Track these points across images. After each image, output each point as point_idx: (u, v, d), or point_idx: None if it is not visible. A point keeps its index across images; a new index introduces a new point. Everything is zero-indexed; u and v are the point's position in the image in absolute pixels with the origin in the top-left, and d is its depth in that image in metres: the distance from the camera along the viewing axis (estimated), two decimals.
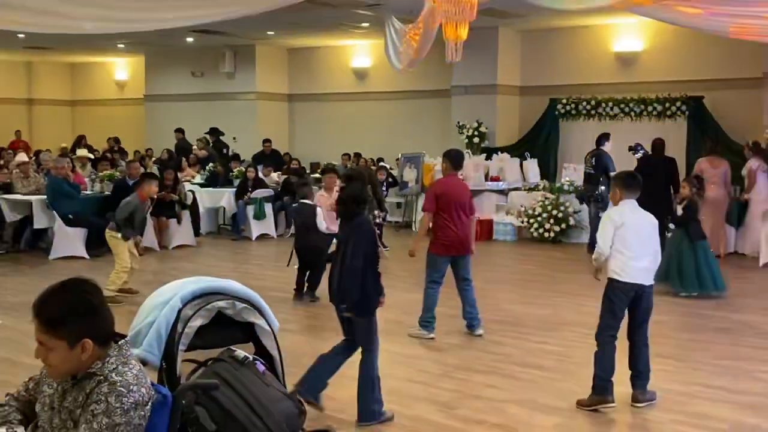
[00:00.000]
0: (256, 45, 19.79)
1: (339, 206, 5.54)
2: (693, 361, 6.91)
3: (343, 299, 5.32)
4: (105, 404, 2.45)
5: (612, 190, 6.08)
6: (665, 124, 15.41)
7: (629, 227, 5.66)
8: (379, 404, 5.37)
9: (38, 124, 23.74)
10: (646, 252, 5.72)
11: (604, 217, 5.92)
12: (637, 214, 5.81)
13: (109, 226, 9.32)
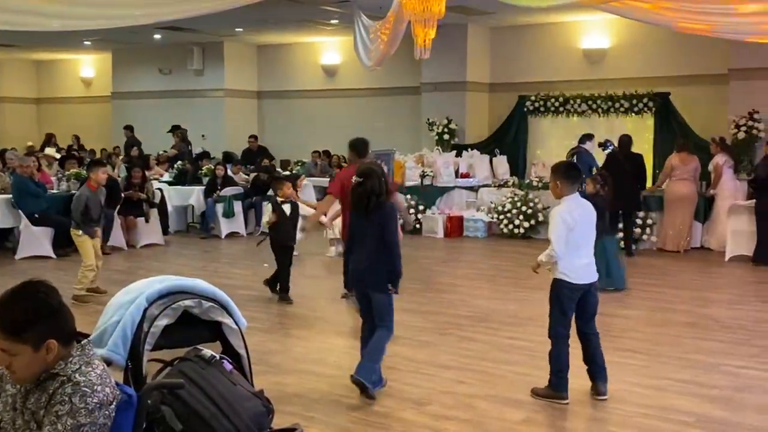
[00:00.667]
0: (225, 42, 19.81)
1: (360, 201, 5.86)
2: (660, 355, 6.95)
3: (375, 279, 5.79)
4: (69, 405, 2.46)
5: (552, 182, 5.93)
6: (632, 120, 15.60)
7: (579, 227, 5.65)
8: (377, 376, 5.78)
9: (3, 122, 23.56)
10: (588, 248, 5.80)
11: (557, 217, 5.70)
12: (583, 210, 5.80)
13: (72, 225, 9.36)
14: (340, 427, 5.35)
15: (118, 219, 12.69)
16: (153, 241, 13.51)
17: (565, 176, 5.81)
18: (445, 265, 11.09)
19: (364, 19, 12.02)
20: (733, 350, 7.13)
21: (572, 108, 16.50)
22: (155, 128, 19.11)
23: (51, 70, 24.74)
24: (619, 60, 16.43)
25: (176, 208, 14.94)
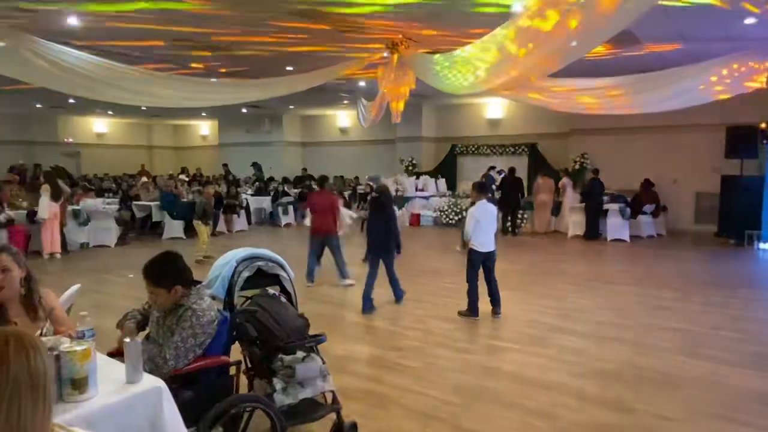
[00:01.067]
0: (283, 114, 19.74)
1: (377, 203, 6.46)
2: (531, 291, 7.00)
3: (388, 246, 6.29)
4: (190, 321, 2.50)
5: (471, 193, 6.04)
6: (516, 159, 15.66)
7: (483, 219, 5.71)
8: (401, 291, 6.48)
9: (155, 161, 23.50)
10: (490, 232, 5.82)
11: (470, 213, 5.79)
12: (487, 209, 5.81)
13: (194, 218, 9.58)
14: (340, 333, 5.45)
15: (222, 215, 12.91)
16: (242, 228, 13.57)
17: (478, 190, 6.02)
18: (409, 242, 11.15)
19: (363, 100, 12.25)
20: (573, 288, 7.22)
21: (482, 151, 16.56)
22: (244, 164, 19.07)
23: (183, 130, 24.49)
24: (507, 124, 16.43)
25: (255, 209, 15.00)
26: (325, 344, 3.15)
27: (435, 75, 7.29)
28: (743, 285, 7.51)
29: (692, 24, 7.75)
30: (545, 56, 4.54)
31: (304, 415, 2.92)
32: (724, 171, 12.08)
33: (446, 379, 4.15)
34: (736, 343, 5.04)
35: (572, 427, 3.41)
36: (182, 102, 9.35)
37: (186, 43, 9.06)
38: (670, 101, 7.56)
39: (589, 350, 4.84)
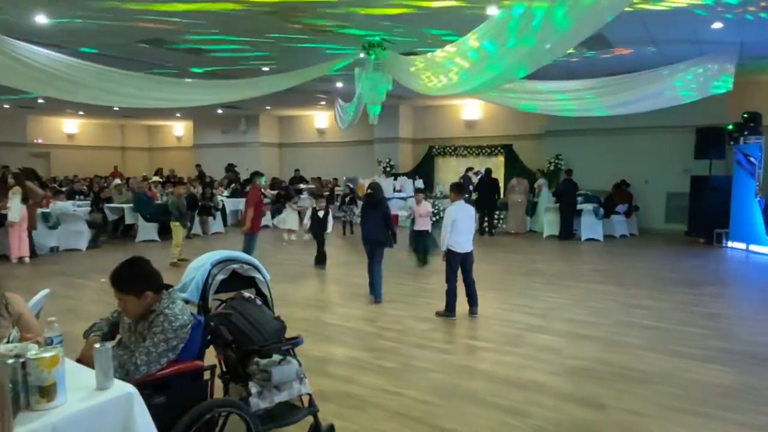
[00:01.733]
0: (260, 114, 19.52)
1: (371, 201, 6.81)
2: (507, 291, 7.09)
3: (381, 239, 6.60)
4: (161, 326, 2.46)
5: (450, 193, 6.11)
6: (492, 160, 15.79)
7: (460, 219, 5.73)
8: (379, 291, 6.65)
9: (128, 162, 23.10)
10: (468, 233, 5.85)
11: (447, 213, 5.82)
12: (464, 209, 5.85)
13: (172, 219, 9.40)
14: (317, 335, 5.40)
15: (197, 217, 12.75)
16: (217, 230, 13.45)
17: (456, 190, 6.04)
18: None
19: (340, 101, 12.24)
20: (548, 287, 7.32)
21: (459, 152, 16.65)
22: (219, 165, 18.84)
23: (157, 131, 24.02)
24: (484, 125, 16.54)
25: (231, 211, 14.83)
26: (302, 346, 3.13)
27: (411, 76, 7.33)
28: (712, 283, 7.73)
29: (661, 28, 7.94)
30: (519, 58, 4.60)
31: (280, 418, 2.90)
32: (694, 171, 12.41)
33: (423, 379, 4.18)
34: (704, 339, 5.19)
35: (547, 424, 3.47)
36: (156, 102, 9.19)
37: (160, 43, 8.93)
38: (639, 103, 7.73)
39: (564, 348, 4.91)
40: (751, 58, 9.76)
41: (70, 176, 18.93)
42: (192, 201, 12.63)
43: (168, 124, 23.71)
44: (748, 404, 3.75)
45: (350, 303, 6.57)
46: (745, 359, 4.63)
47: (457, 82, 5.81)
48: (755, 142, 10.41)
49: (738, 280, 8.30)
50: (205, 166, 18.93)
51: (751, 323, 5.73)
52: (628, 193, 12.81)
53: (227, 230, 13.83)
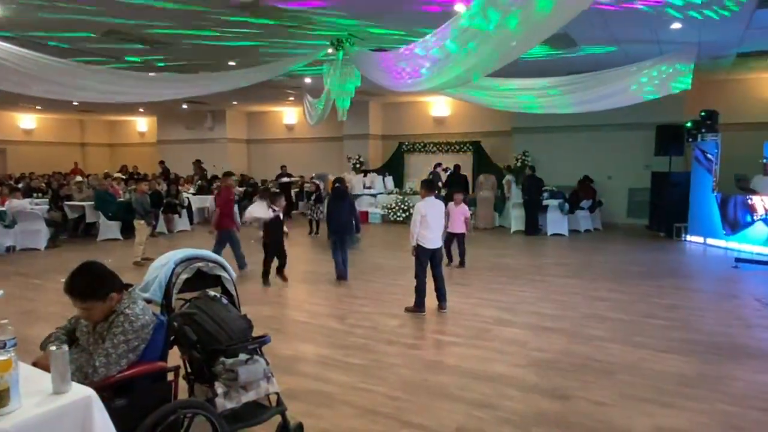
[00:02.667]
0: (226, 110, 19.25)
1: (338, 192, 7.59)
2: (475, 285, 7.14)
3: (349, 228, 7.45)
4: (122, 327, 2.40)
5: (420, 190, 6.11)
6: (461, 156, 15.87)
7: (429, 215, 5.74)
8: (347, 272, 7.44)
9: (89, 159, 22.44)
10: (437, 229, 5.88)
11: (416, 209, 5.83)
12: (434, 205, 5.87)
13: (135, 217, 9.12)
14: (286, 333, 5.37)
15: (162, 215, 12.47)
16: (183, 228, 13.18)
17: (425, 187, 6.07)
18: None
19: (309, 97, 12.14)
20: (515, 281, 7.44)
21: (428, 149, 16.73)
22: (184, 162, 18.51)
23: (119, 126, 23.41)
24: (453, 122, 16.68)
25: (198, 208, 14.57)
26: (271, 345, 3.10)
27: (379, 73, 7.31)
28: (672, 275, 7.98)
29: (624, 27, 8.14)
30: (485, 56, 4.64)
31: (247, 418, 2.87)
32: (654, 168, 12.79)
33: (393, 375, 4.19)
34: (665, 330, 5.35)
35: (513, 416, 3.52)
36: (117, 97, 8.91)
37: (120, 36, 8.67)
38: (602, 101, 7.91)
39: (530, 341, 4.99)
40: (708, 58, 10.12)
41: (26, 173, 18.24)
42: (157, 198, 12.37)
43: (131, 120, 23.10)
44: (707, 392, 3.89)
45: (320, 301, 6.54)
46: (704, 349, 4.79)
47: (422, 79, 5.83)
48: (712, 140, 10.78)
49: (696, 272, 8.59)
50: (169, 163, 18.55)
51: (708, 314, 5.94)
52: (592, 188, 13.11)
53: (194, 228, 13.58)
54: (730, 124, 11.72)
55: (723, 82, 12.71)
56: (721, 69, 11.51)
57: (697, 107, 11.65)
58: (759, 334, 5.28)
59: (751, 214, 9.75)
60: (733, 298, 6.66)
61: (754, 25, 8.01)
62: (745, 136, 11.58)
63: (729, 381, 4.10)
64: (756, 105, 12.48)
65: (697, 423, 3.42)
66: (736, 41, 9.10)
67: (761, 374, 4.25)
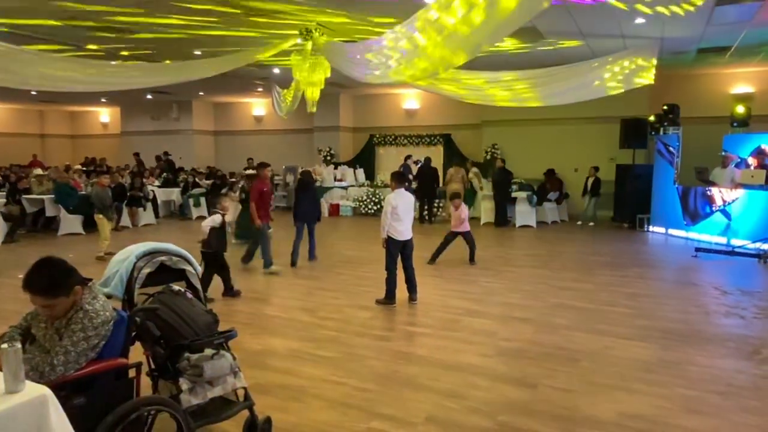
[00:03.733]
0: (193, 100, 18.88)
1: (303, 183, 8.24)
2: (444, 277, 7.21)
3: (317, 215, 8.24)
4: (81, 324, 2.32)
5: (390, 182, 6.04)
6: (431, 149, 15.97)
7: (400, 207, 5.75)
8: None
9: (49, 150, 21.76)
10: (408, 221, 5.89)
11: (387, 201, 5.82)
12: (404, 197, 5.88)
13: (95, 211, 8.88)
14: (255, 327, 5.33)
15: (126, 209, 12.15)
16: (148, 221, 12.89)
17: (396, 179, 6.04)
18: (329, 232, 11.15)
19: (277, 88, 11.95)
20: (484, 272, 7.53)
21: (399, 141, 16.81)
22: (149, 154, 18.09)
23: (81, 117, 22.68)
24: (424, 114, 16.76)
25: (163, 201, 14.24)
26: (240, 339, 3.06)
27: (349, 64, 7.23)
28: (635, 265, 8.19)
29: (590, 22, 8.27)
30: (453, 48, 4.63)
31: (214, 414, 2.84)
32: (619, 160, 13.09)
33: (363, 368, 4.18)
34: (628, 318, 5.49)
35: (482, 405, 3.56)
36: (77, 86, 8.60)
37: (81, 23, 8.36)
38: (569, 94, 8.02)
39: (498, 331, 5.06)
40: (670, 53, 10.37)
41: None
42: (120, 191, 12.05)
43: (93, 110, 22.40)
44: (669, 378, 4.01)
45: (290, 294, 6.48)
46: (665, 336, 4.94)
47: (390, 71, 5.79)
48: (674, 133, 11.08)
49: (658, 262, 8.84)
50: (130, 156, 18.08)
51: (669, 302, 6.12)
52: (559, 180, 13.32)
53: (159, 222, 13.30)
54: (691, 117, 12.06)
55: (684, 77, 13.07)
56: (683, 64, 11.83)
57: (659, 101, 11.96)
58: (717, 320, 5.47)
59: (710, 205, 10.08)
60: (692, 286, 6.88)
61: (714, 21, 8.24)
62: (705, 129, 11.94)
63: (688, 366, 4.23)
64: (715, 99, 12.88)
65: (659, 407, 3.52)
66: (697, 37, 9.36)
67: (719, 359, 4.40)
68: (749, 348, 4.64)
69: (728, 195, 9.72)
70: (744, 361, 4.36)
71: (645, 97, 12.34)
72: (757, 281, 7.25)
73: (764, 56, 10.98)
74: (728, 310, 5.79)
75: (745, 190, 9.34)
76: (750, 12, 7.82)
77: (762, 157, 9.94)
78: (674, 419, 3.36)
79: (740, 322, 5.39)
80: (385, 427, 3.25)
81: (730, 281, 7.15)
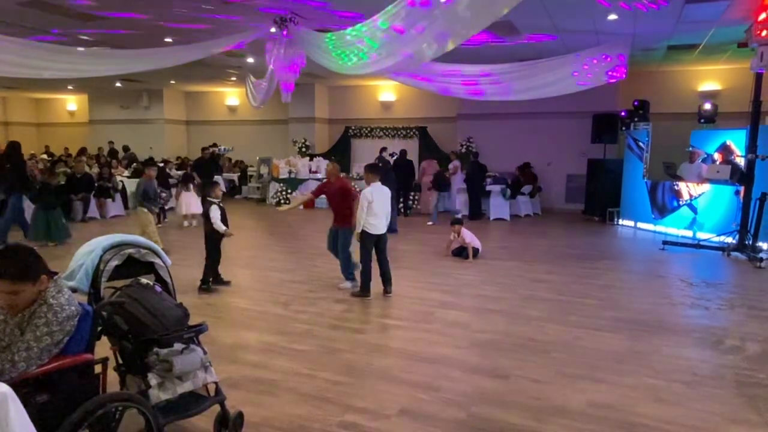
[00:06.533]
0: (164, 89, 18.48)
1: None
2: (420, 270, 7.23)
3: None
4: (45, 318, 2.25)
5: (365, 175, 5.98)
6: (407, 142, 15.93)
7: (376, 201, 5.75)
8: None
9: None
10: (383, 214, 5.86)
11: (362, 195, 5.78)
12: (380, 191, 5.86)
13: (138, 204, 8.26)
14: (227, 321, 5.28)
15: (94, 200, 11.84)
16: (117, 213, 12.65)
17: (370, 172, 6.00)
18: (304, 225, 11.06)
19: (252, 77, 11.76)
20: (458, 265, 7.59)
21: (374, 134, 16.74)
22: (119, 144, 17.69)
23: (46, 104, 21.94)
24: (400, 107, 16.75)
25: (132, 192, 13.84)
26: (212, 334, 3.00)
27: (324, 54, 7.16)
28: (605, 257, 8.37)
29: (564, 17, 8.35)
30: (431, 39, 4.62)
31: (184, 409, 2.79)
32: (591, 155, 13.31)
33: (337, 360, 4.17)
34: (598, 309, 5.60)
35: (455, 396, 3.58)
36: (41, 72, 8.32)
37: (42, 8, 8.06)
38: (542, 89, 8.11)
39: (471, 323, 5.10)
40: (641, 49, 10.57)
41: None
42: (88, 181, 11.74)
43: (59, 98, 21.71)
44: (637, 367, 4.10)
45: (263, 287, 6.42)
46: (633, 326, 5.05)
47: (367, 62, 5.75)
48: (643, 128, 11.32)
49: (627, 254, 9.04)
50: (103, 144, 17.61)
51: (637, 294, 6.26)
52: (532, 174, 13.50)
53: (128, 213, 12.98)
54: (660, 113, 12.34)
55: (654, 73, 13.34)
56: (653, 61, 12.07)
57: (630, 97, 12.19)
58: (683, 311, 5.62)
59: (677, 200, 10.34)
60: (660, 278, 7.06)
61: (683, 19, 8.41)
62: (674, 125, 12.22)
63: (655, 356, 4.34)
64: (684, 96, 13.19)
65: (626, 397, 3.61)
66: (667, 34, 9.55)
67: (685, 348, 4.53)
68: (713, 338, 4.78)
69: (695, 189, 9.98)
70: (708, 350, 4.50)
71: (616, 92, 12.58)
72: (721, 274, 7.47)
73: (731, 54, 11.28)
74: (693, 301, 5.96)
75: (711, 185, 9.60)
76: (718, 11, 8.01)
77: (727, 153, 10.23)
78: (641, 408, 3.44)
79: (705, 313, 5.55)
80: (358, 420, 3.25)
81: (696, 273, 7.35)
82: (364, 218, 5.81)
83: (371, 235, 5.88)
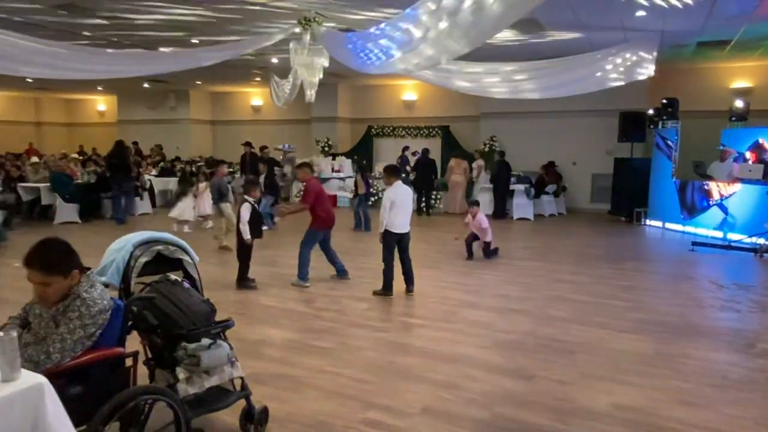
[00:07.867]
0: (190, 90, 18.75)
1: None
2: (441, 269, 7.23)
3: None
4: (78, 312, 2.31)
5: (385, 176, 6.00)
6: (430, 141, 15.90)
7: (398, 201, 5.79)
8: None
9: (45, 139, 21.53)
10: (405, 214, 5.89)
11: (385, 196, 5.86)
12: (402, 190, 5.89)
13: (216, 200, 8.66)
14: (252, 318, 5.32)
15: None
16: (145, 211, 12.87)
17: (392, 173, 6.00)
18: None
19: (276, 78, 11.85)
20: (481, 265, 7.60)
21: (397, 133, 16.72)
22: (146, 143, 18.01)
23: (77, 105, 22.49)
24: (422, 106, 16.70)
25: (160, 191, 14.23)
26: (237, 329, 3.04)
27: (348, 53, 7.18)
28: (632, 258, 8.22)
29: (591, 13, 8.22)
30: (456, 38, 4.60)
31: (211, 403, 2.84)
32: (617, 154, 13.09)
33: (360, 358, 4.19)
34: (624, 311, 5.51)
35: (477, 396, 3.57)
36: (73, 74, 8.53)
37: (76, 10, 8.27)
38: (568, 87, 8.00)
39: (494, 323, 5.06)
40: (670, 46, 10.34)
41: None
42: None
43: (89, 98, 22.23)
44: (663, 370, 4.03)
45: (286, 285, 6.44)
46: (660, 329, 4.96)
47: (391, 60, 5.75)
48: (672, 127, 11.08)
49: (654, 255, 8.87)
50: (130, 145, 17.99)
51: (665, 295, 6.14)
52: (557, 173, 13.33)
53: (156, 212, 13.22)
54: (690, 111, 12.05)
55: (683, 70, 13.04)
56: (682, 58, 11.80)
57: (658, 95, 11.93)
58: (712, 314, 5.49)
59: (707, 200, 10.09)
60: (688, 280, 6.91)
61: (714, 15, 8.21)
62: (704, 123, 11.93)
63: (683, 359, 4.25)
64: (714, 93, 12.86)
65: (653, 399, 3.54)
66: (697, 30, 9.32)
67: (713, 352, 4.42)
68: (744, 341, 4.66)
69: (725, 189, 9.73)
70: (738, 354, 4.39)
71: (644, 90, 12.32)
72: (752, 275, 7.28)
73: (763, 51, 10.96)
74: (723, 303, 5.82)
75: (743, 185, 9.36)
76: (751, 6, 7.79)
77: (760, 152, 9.95)
78: (667, 411, 3.38)
79: (735, 315, 5.42)
80: (381, 418, 3.26)
81: (726, 275, 7.17)
82: (387, 218, 5.83)
83: (394, 233, 5.90)
